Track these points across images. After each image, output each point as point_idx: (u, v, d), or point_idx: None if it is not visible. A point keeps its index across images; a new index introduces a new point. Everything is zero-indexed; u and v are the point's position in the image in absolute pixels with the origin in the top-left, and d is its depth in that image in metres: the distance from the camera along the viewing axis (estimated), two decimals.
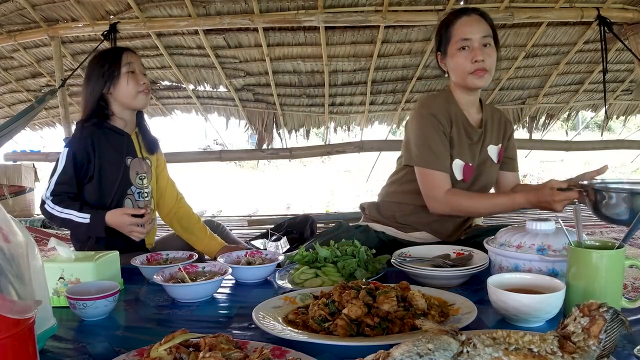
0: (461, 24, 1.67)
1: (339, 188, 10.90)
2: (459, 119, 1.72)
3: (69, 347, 0.95)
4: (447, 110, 1.70)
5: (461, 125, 1.72)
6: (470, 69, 1.64)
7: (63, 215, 1.69)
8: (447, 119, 1.69)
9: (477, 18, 1.67)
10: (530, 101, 5.54)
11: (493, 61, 1.67)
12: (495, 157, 1.81)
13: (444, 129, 1.68)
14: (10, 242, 0.68)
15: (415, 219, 1.82)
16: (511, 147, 1.89)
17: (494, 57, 1.67)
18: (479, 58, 1.62)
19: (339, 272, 1.34)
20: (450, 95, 1.77)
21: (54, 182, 1.73)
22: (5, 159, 5.49)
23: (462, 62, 1.65)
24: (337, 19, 4.22)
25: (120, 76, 1.79)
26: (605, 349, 0.68)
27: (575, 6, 4.26)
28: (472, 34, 1.64)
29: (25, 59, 5.14)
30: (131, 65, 1.82)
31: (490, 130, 1.80)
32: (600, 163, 1.53)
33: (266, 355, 0.79)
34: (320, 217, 4.46)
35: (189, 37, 4.68)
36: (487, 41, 1.65)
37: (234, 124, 5.75)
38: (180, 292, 1.21)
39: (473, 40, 1.63)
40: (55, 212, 1.69)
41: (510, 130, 1.88)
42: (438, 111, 1.68)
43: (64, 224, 1.74)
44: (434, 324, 0.70)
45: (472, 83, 1.66)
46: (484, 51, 1.63)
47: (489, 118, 1.81)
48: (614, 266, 0.97)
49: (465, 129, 1.73)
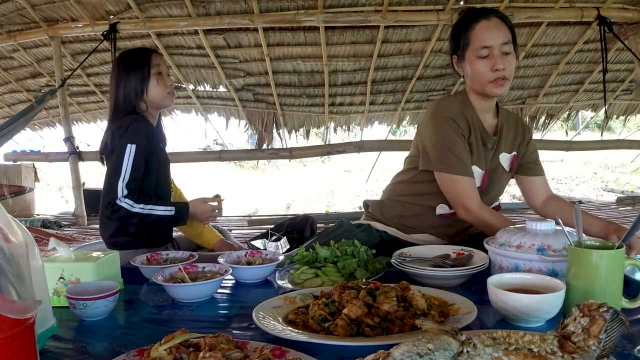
0: (481, 29, 1.59)
1: (339, 188, 10.91)
2: (476, 125, 1.67)
3: (69, 347, 0.95)
4: (464, 114, 1.65)
5: (478, 131, 1.67)
6: (491, 77, 1.58)
7: (145, 212, 1.74)
8: (465, 124, 1.64)
9: (497, 22, 1.59)
10: (530, 101, 5.55)
11: (513, 68, 1.61)
12: (507, 165, 1.75)
13: (463, 132, 1.63)
14: (11, 242, 0.68)
15: (420, 221, 1.80)
16: (531, 152, 1.81)
17: (514, 63, 1.61)
18: (500, 67, 1.56)
19: (339, 272, 1.34)
20: (467, 99, 1.70)
21: (127, 179, 1.75)
22: (5, 159, 5.50)
23: (482, 69, 1.59)
24: (337, 19, 4.23)
25: (150, 77, 1.89)
26: (605, 349, 0.68)
27: (575, 6, 4.26)
28: (493, 41, 1.56)
29: (25, 59, 5.14)
30: (159, 67, 1.91)
31: (506, 138, 1.74)
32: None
33: (266, 355, 0.79)
34: (320, 217, 4.46)
35: (189, 37, 4.68)
36: (507, 49, 1.57)
37: (234, 124, 5.75)
38: (180, 292, 1.21)
39: (494, 47, 1.56)
40: (137, 209, 1.73)
41: (529, 136, 1.81)
42: (456, 115, 1.63)
43: (141, 221, 1.77)
44: (434, 324, 0.70)
45: (492, 92, 1.61)
46: (505, 59, 1.57)
47: (504, 124, 1.74)
48: (614, 266, 0.97)
49: (481, 135, 1.68)
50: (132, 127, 1.80)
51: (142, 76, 1.88)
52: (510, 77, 1.61)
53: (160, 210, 1.76)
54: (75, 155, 4.84)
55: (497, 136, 1.72)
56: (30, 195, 5.58)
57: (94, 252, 1.30)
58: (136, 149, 1.76)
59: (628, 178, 9.95)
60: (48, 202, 7.56)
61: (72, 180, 4.91)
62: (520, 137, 1.79)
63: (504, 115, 1.77)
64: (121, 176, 1.73)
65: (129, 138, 1.77)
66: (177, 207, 1.81)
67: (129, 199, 1.73)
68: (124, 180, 1.74)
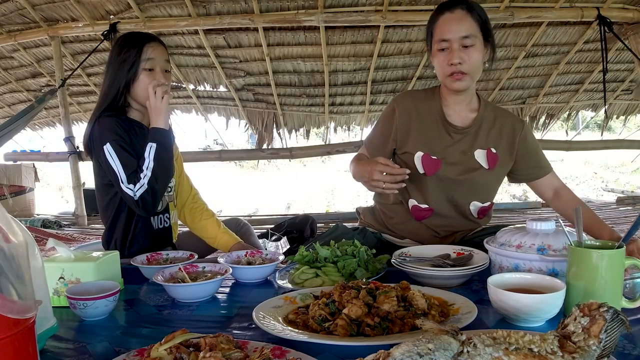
0: (442, 22, 1.57)
1: (339, 188, 10.90)
2: (434, 113, 1.69)
3: (69, 347, 0.95)
4: (418, 100, 1.71)
5: (436, 119, 1.68)
6: (448, 71, 1.57)
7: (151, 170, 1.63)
8: (410, 107, 1.70)
9: (461, 15, 1.55)
10: (531, 101, 5.54)
11: (474, 63, 1.56)
12: (485, 162, 1.67)
13: (402, 112, 1.70)
14: (11, 242, 0.68)
15: (399, 226, 1.79)
16: (530, 156, 1.71)
17: (477, 57, 1.56)
18: (455, 61, 1.53)
19: (339, 272, 1.34)
20: (437, 91, 1.72)
21: (124, 173, 1.62)
22: (5, 159, 5.50)
23: (440, 62, 1.58)
24: (337, 19, 4.23)
25: (138, 72, 1.70)
26: (605, 348, 0.68)
27: (575, 6, 4.26)
28: (451, 34, 1.54)
29: (25, 58, 5.14)
30: (151, 61, 1.70)
31: (485, 133, 1.68)
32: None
33: (266, 355, 0.78)
34: (320, 217, 4.46)
35: (189, 37, 4.68)
36: (468, 42, 1.54)
37: (234, 124, 5.76)
38: (180, 292, 1.21)
39: (452, 40, 1.54)
40: (148, 185, 1.62)
41: (520, 136, 1.70)
42: (401, 98, 1.76)
43: (164, 175, 1.66)
44: (434, 323, 0.70)
45: (450, 86, 1.60)
46: (465, 53, 1.54)
47: (484, 120, 1.69)
48: (614, 266, 0.97)
49: (443, 125, 1.68)
50: (98, 128, 1.68)
51: (130, 69, 1.69)
52: (470, 71, 1.57)
53: (148, 163, 1.63)
54: (75, 155, 4.84)
55: (472, 129, 1.67)
56: (30, 195, 5.58)
57: (94, 252, 1.30)
58: (111, 145, 1.64)
59: (628, 178, 9.95)
60: (48, 202, 7.56)
61: (72, 180, 4.91)
62: (509, 136, 1.70)
63: (490, 111, 1.72)
64: (119, 174, 1.64)
65: (100, 140, 1.66)
66: (150, 137, 1.64)
67: (138, 189, 1.62)
68: (123, 176, 1.63)
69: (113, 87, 1.72)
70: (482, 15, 1.58)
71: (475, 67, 1.58)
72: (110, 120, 1.68)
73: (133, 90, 1.73)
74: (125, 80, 1.71)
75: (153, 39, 1.74)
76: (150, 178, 1.63)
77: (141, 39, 1.72)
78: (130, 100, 1.77)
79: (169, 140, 1.70)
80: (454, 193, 1.69)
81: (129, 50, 1.70)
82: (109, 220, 1.81)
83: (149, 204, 1.65)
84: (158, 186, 1.66)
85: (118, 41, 1.77)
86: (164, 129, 1.68)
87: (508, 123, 1.72)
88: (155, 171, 1.64)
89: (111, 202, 1.78)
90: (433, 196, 1.70)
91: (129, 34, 1.78)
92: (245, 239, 1.98)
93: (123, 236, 1.78)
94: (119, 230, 1.79)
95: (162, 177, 1.67)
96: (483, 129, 1.69)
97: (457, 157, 1.67)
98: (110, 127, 1.67)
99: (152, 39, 1.75)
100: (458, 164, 1.67)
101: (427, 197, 1.71)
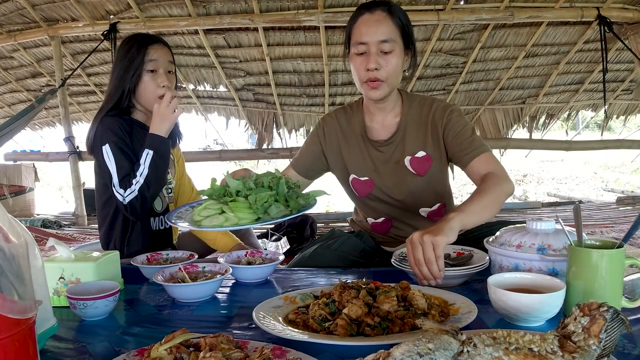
0: (361, 23, 1.47)
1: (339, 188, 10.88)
2: (357, 131, 1.63)
3: (69, 347, 0.95)
4: (340, 119, 1.65)
5: (358, 139, 1.63)
6: (364, 77, 1.48)
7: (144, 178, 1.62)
8: (335, 128, 1.66)
9: (381, 17, 1.45)
10: (530, 101, 5.54)
11: (392, 69, 1.46)
12: (412, 167, 1.59)
13: (323, 133, 1.67)
14: (11, 242, 0.68)
15: (389, 237, 1.75)
16: (455, 139, 1.52)
17: (395, 63, 1.46)
18: (371, 66, 1.44)
19: (250, 208, 1.15)
20: (361, 102, 1.64)
21: (117, 176, 1.63)
22: (5, 159, 5.50)
23: (357, 67, 1.49)
24: (337, 19, 4.23)
25: (142, 74, 1.71)
26: (605, 348, 0.68)
27: (575, 6, 4.26)
28: (369, 37, 1.44)
29: (25, 58, 5.14)
30: (154, 62, 1.71)
31: (413, 136, 1.58)
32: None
33: (266, 355, 0.78)
34: (320, 217, 4.46)
35: (189, 36, 4.68)
36: (387, 47, 1.44)
37: (234, 124, 5.76)
38: (180, 292, 1.21)
39: (370, 44, 1.44)
40: (138, 193, 1.61)
41: (443, 122, 1.54)
42: (327, 119, 1.70)
43: (157, 183, 1.66)
44: (434, 323, 0.70)
45: (366, 93, 1.51)
46: (382, 58, 1.44)
47: (408, 124, 1.59)
48: (614, 266, 0.97)
49: (368, 142, 1.62)
50: (101, 128, 1.69)
51: (134, 71, 1.70)
52: (388, 79, 1.47)
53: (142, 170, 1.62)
54: (75, 155, 4.85)
55: (396, 138, 1.59)
56: (30, 195, 5.58)
57: (94, 252, 1.29)
58: (110, 146, 1.65)
59: (628, 178, 9.95)
60: (48, 202, 7.55)
61: (72, 180, 4.91)
62: (433, 128, 1.58)
63: (415, 107, 1.60)
64: (112, 180, 1.65)
65: (101, 140, 1.67)
66: (148, 143, 1.63)
67: (129, 194, 1.63)
68: (116, 180, 1.64)
69: (118, 89, 1.74)
70: (404, 19, 1.49)
71: (393, 73, 1.48)
72: (113, 121, 1.70)
73: (137, 92, 1.75)
74: (129, 83, 1.72)
75: (157, 41, 1.75)
76: (142, 185, 1.64)
77: (145, 40, 1.73)
78: (134, 102, 1.78)
79: (166, 148, 1.70)
80: (397, 205, 1.65)
81: (133, 53, 1.71)
82: (106, 220, 1.82)
83: (137, 210, 1.66)
84: (149, 194, 1.66)
85: (123, 43, 1.78)
86: (164, 137, 1.68)
87: (432, 113, 1.58)
88: (148, 179, 1.64)
89: (109, 201, 1.79)
90: (381, 211, 1.69)
91: (134, 36, 1.79)
92: (245, 240, 1.97)
93: (122, 236, 1.79)
94: (117, 230, 1.80)
95: (154, 186, 1.68)
96: (409, 133, 1.59)
97: (390, 169, 1.62)
98: (112, 127, 1.68)
99: (156, 40, 1.76)
100: (392, 175, 1.62)
101: (377, 213, 1.71)
